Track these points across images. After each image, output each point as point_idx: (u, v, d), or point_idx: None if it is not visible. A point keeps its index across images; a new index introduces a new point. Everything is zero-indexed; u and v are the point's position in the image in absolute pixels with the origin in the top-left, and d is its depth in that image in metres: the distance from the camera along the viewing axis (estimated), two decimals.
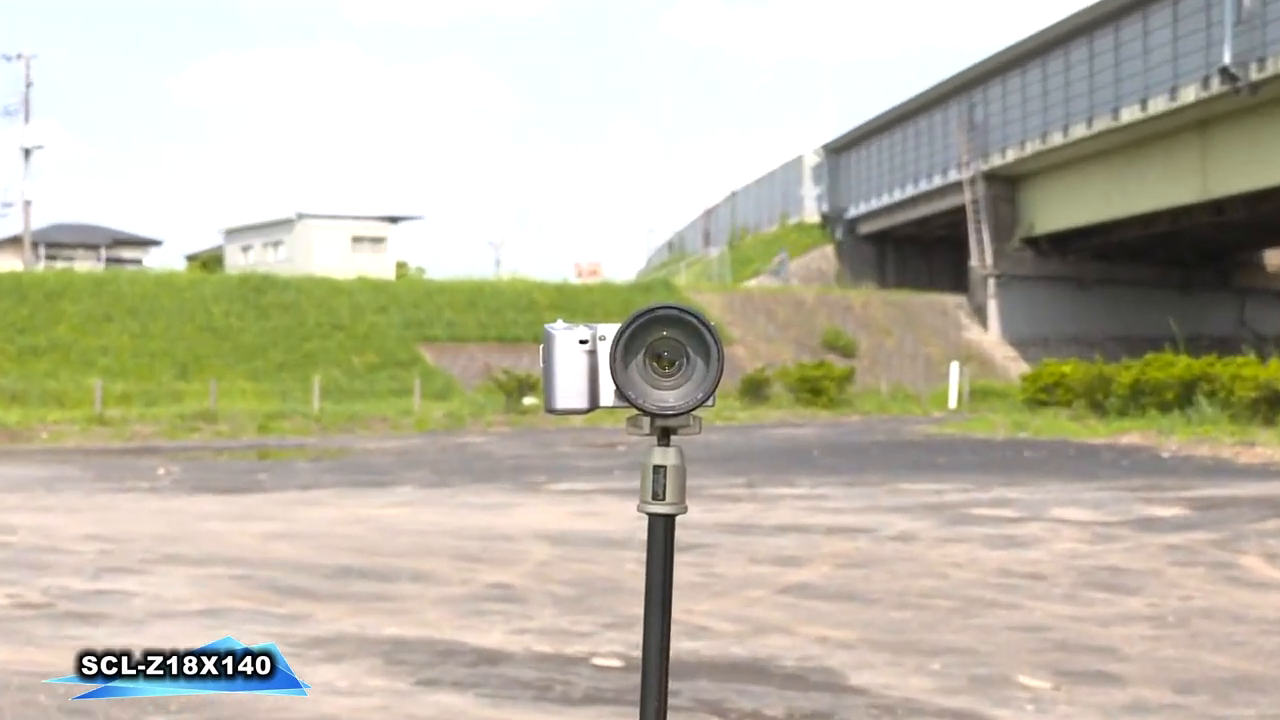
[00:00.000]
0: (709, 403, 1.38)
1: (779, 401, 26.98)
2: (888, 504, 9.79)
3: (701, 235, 49.62)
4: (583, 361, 1.40)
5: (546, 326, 1.43)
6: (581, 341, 1.41)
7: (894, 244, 41.01)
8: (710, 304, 33.43)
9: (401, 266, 41.34)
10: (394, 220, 40.38)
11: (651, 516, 1.39)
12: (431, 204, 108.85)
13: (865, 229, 40.72)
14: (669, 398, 1.38)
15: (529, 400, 24.18)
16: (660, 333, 1.38)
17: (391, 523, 8.66)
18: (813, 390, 26.83)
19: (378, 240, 39.43)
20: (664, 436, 1.40)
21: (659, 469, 1.38)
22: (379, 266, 37.44)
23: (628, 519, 8.61)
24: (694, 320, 1.37)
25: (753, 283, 39.15)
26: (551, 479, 12.01)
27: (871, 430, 20.70)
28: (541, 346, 1.43)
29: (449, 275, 34.89)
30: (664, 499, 1.38)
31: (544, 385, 1.42)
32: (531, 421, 22.46)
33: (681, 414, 1.37)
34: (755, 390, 27.08)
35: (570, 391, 1.41)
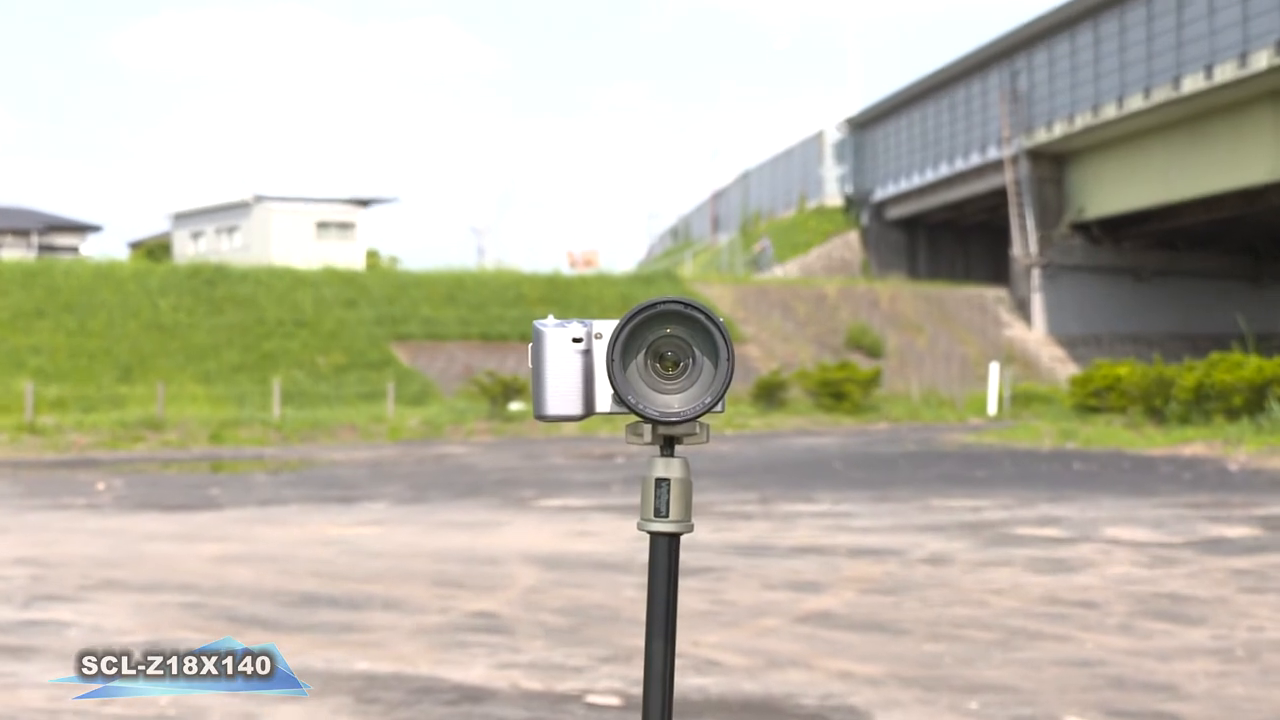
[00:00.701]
0: (718, 408, 1.39)
1: (797, 407, 27.01)
2: (919, 522, 9.80)
3: (710, 221, 49.68)
4: (576, 362, 1.41)
5: (536, 323, 1.44)
6: (575, 340, 1.42)
7: (926, 230, 41.06)
8: (719, 298, 33.48)
9: (372, 256, 41.40)
10: (364, 203, 40.43)
11: (653, 536, 1.40)
12: (406, 186, 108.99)
13: (894, 213, 40.78)
14: (673, 403, 1.39)
15: (516, 406, 24.21)
16: (663, 330, 1.39)
17: (362, 544, 8.67)
18: (835, 394, 26.86)
19: (346, 226, 39.48)
20: (667, 446, 1.41)
21: (662, 482, 1.39)
22: (347, 255, 37.49)
23: (627, 539, 8.62)
24: (701, 316, 1.38)
25: (767, 274, 39.20)
26: (541, 494, 12.03)
27: (901, 439, 20.73)
28: (530, 345, 1.44)
29: (426, 266, 34.99)
30: (667, 516, 1.39)
31: (533, 389, 1.43)
32: (519, 430, 22.49)
33: (687, 421, 1.38)
34: (770, 394, 27.11)
35: (562, 396, 1.42)
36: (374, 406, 24.90)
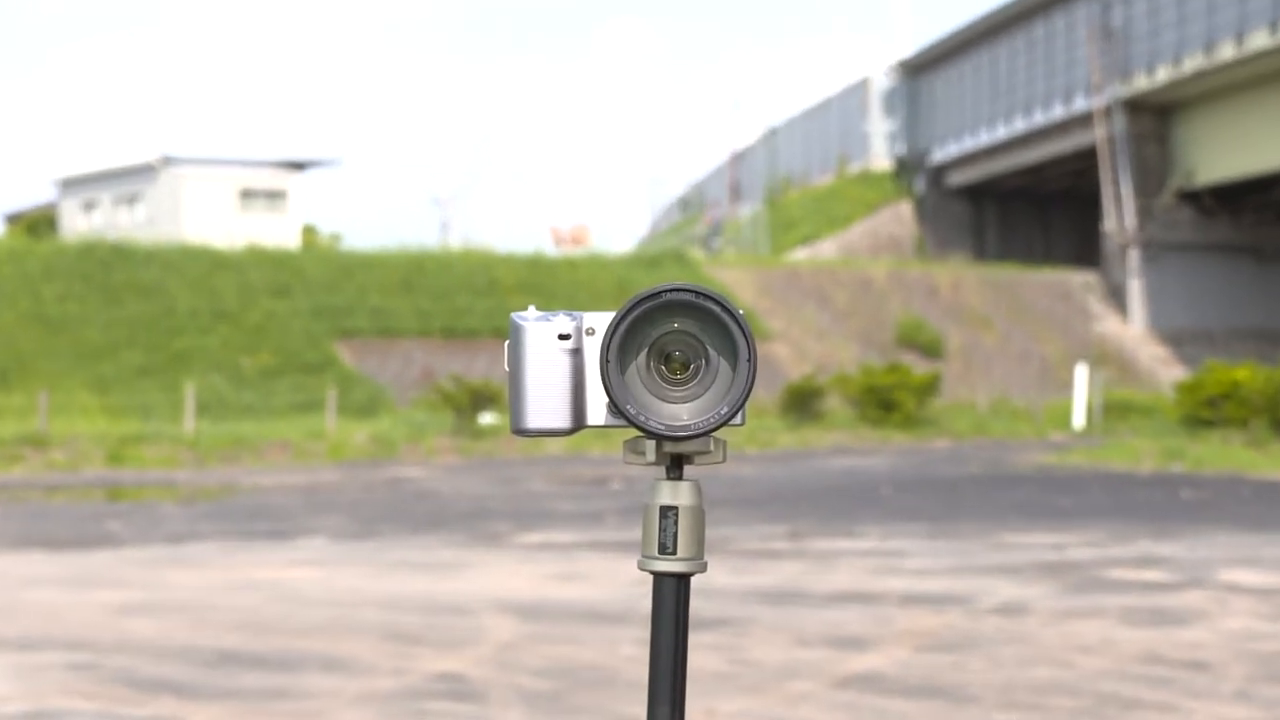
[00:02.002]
0: (737, 421, 1.40)
1: (835, 420, 27.03)
2: (987, 563, 9.81)
3: (728, 189, 49.71)
4: (563, 364, 1.43)
5: (513, 316, 1.45)
6: (561, 336, 1.43)
7: (996, 200, 41.10)
8: (740, 284, 33.53)
9: (309, 232, 41.45)
10: (298, 167, 40.47)
11: (658, 578, 1.42)
12: (350, 146, 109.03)
13: (956, 179, 40.82)
14: (682, 413, 1.40)
15: (488, 418, 24.23)
16: (670, 324, 1.41)
17: (296, 589, 8.69)
18: (882, 404, 26.89)
19: (276, 195, 39.53)
20: (675, 467, 1.42)
21: (668, 512, 1.40)
22: (278, 231, 37.55)
23: (624, 583, 8.63)
24: (716, 307, 1.39)
25: (800, 254, 39.25)
26: (519, 528, 12.05)
27: (964, 460, 20.75)
28: (507, 344, 1.45)
29: (376, 244, 35.03)
30: (675, 553, 1.41)
31: (510, 397, 1.45)
32: (491, 448, 22.51)
33: (699, 436, 1.39)
34: (802, 404, 27.15)
35: (546, 406, 1.44)
36: (311, 419, 24.91)
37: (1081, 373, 29.80)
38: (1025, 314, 35.66)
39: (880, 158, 42.63)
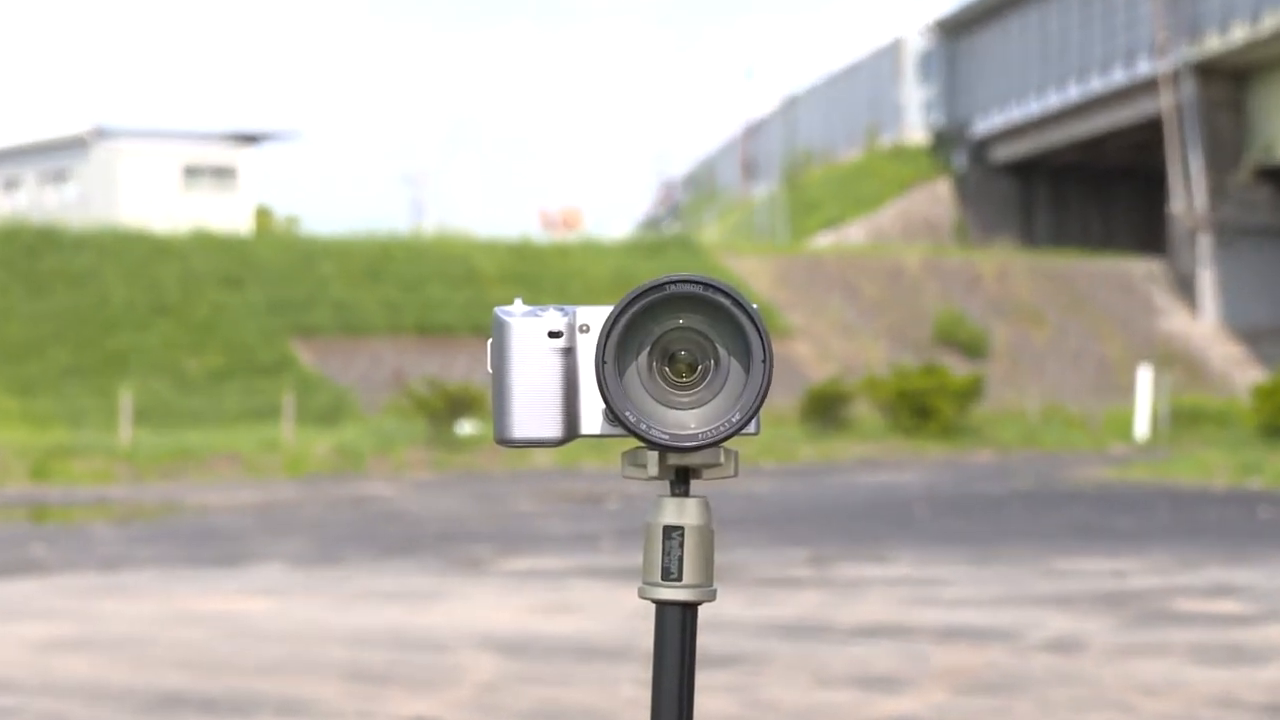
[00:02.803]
0: (750, 430, 1.41)
1: (863, 429, 27.04)
2: (1037, 592, 9.82)
3: (740, 166, 49.73)
4: (554, 365, 1.44)
5: (497, 311, 1.46)
6: (552, 334, 1.44)
7: (1048, 178, 41.11)
8: (754, 274, 33.54)
9: (264, 214, 41.45)
10: (250, 140, 40.48)
11: (661, 607, 1.43)
12: (310, 117, 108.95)
13: (1002, 154, 40.83)
14: (688, 421, 1.41)
15: (467, 428, 24.24)
16: (675, 320, 1.42)
17: (249, 622, 8.69)
18: (917, 411, 26.89)
19: (224, 172, 39.53)
20: (681, 482, 1.43)
21: (673, 532, 1.41)
22: (227, 214, 37.56)
23: (623, 615, 8.64)
24: (727, 300, 1.40)
25: (823, 239, 39.26)
26: (503, 552, 12.05)
27: (1011, 474, 20.75)
28: (489, 342, 1.46)
29: (340, 229, 35.00)
30: (680, 579, 1.42)
31: (494, 403, 1.46)
32: (471, 461, 22.52)
33: (708, 446, 1.40)
34: (826, 411, 27.15)
35: (534, 413, 1.45)
36: (265, 428, 24.91)
37: (1145, 375, 29.78)
38: (1081, 308, 35.67)
39: (915, 130, 42.62)
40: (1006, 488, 18.63)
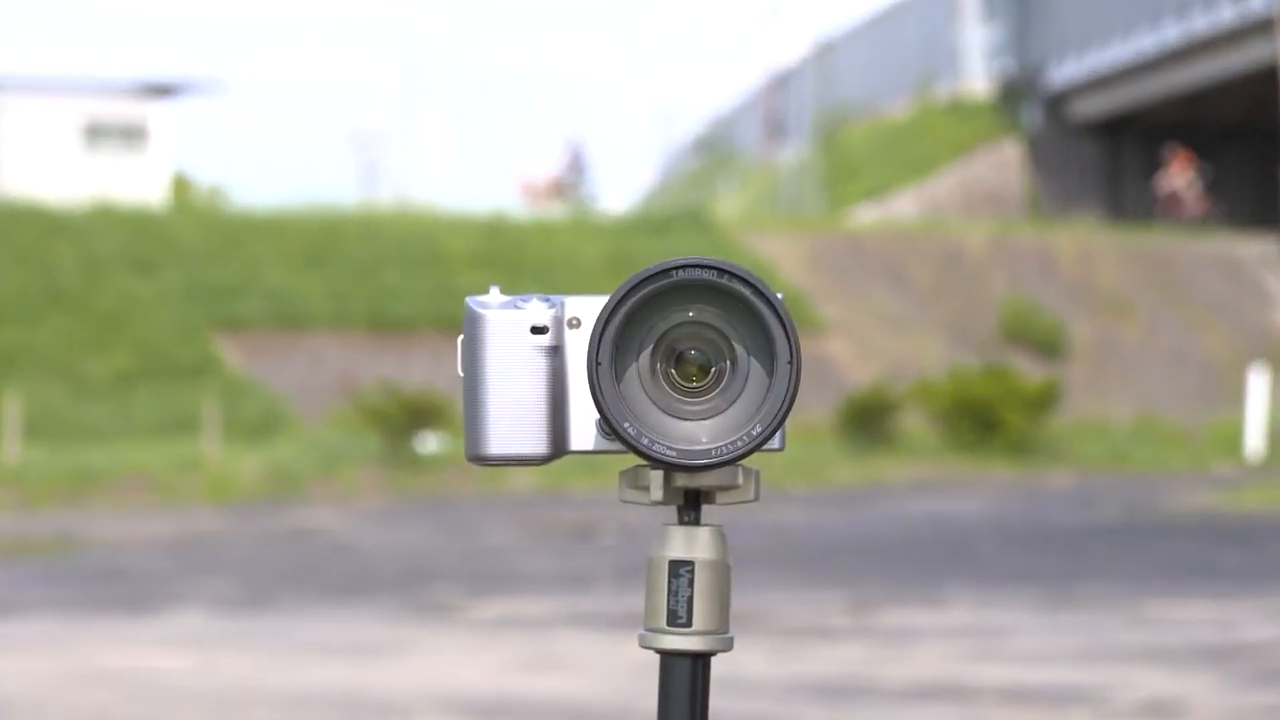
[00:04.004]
0: (775, 444, 1.43)
1: (914, 445, 27.00)
2: (1126, 644, 9.82)
3: (763, 123, 49.67)
4: (538, 367, 1.46)
5: (469, 302, 1.48)
6: (536, 330, 1.46)
7: (1140, 140, 41.04)
8: (781, 256, 33.51)
9: (181, 184, 41.37)
10: (164, 93, 40.43)
11: (667, 659, 1.44)
12: (236, 64, 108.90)
13: (1083, 110, 40.73)
14: (700, 434, 1.43)
15: (431, 443, 24.21)
16: (684, 313, 1.43)
17: (164, 682, 8.70)
18: (981, 423, 26.85)
19: (133, 132, 39.50)
20: (690, 508, 1.45)
21: (681, 569, 1.43)
22: (137, 182, 37.52)
23: (620, 671, 8.64)
24: (746, 289, 1.42)
25: (865, 213, 39.22)
26: (474, 596, 12.06)
27: (1094, 500, 20.74)
28: (460, 340, 1.48)
29: (275, 201, 34.96)
30: (689, 624, 1.43)
31: (465, 413, 1.48)
32: (436, 484, 22.49)
33: (723, 464, 1.42)
34: (869, 423, 27.10)
35: (514, 425, 1.47)
36: (183, 444, 24.89)
37: (1259, 380, 29.72)
38: (1181, 296, 35.65)
39: (976, 80, 42.54)
40: (1088, 517, 18.62)
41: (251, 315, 29.52)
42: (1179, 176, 38.39)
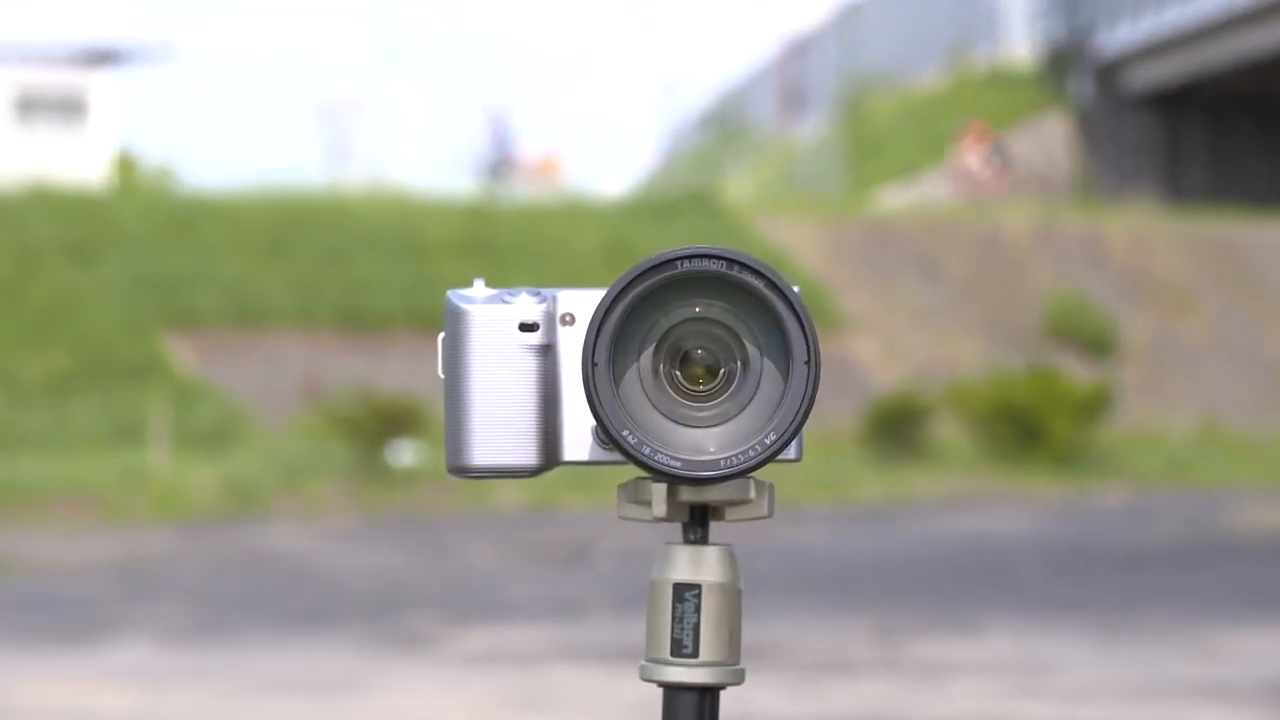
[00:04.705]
0: (791, 454, 1.44)
1: (949, 455, 27.01)
2: (1186, 678, 9.83)
3: (778, 95, 49.70)
4: (527, 369, 1.47)
5: (451, 295, 1.49)
6: (525, 327, 1.47)
7: (1204, 113, 41.04)
8: (798, 243, 33.52)
9: (126, 163, 41.39)
10: (106, 61, 40.45)
11: (671, 693, 1.45)
12: (186, 28, 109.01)
13: (1140, 80, 40.70)
14: (707, 442, 1.44)
15: (406, 454, 24.24)
16: (689, 308, 1.44)
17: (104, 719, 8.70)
18: (1023, 432, 26.86)
19: (72, 105, 39.53)
20: (696, 525, 1.46)
21: (686, 592, 1.44)
22: (76, 161, 37.54)
23: (618, 709, 8.65)
24: (759, 281, 1.43)
25: (892, 195, 39.23)
26: (454, 625, 12.07)
27: (1151, 519, 20.74)
28: (440, 338, 1.49)
29: (231, 183, 34.96)
30: (695, 655, 1.44)
31: (446, 420, 1.49)
32: (412, 500, 22.50)
33: (734, 476, 1.43)
34: (897, 431, 27.10)
35: (500, 433, 1.48)
36: (129, 454, 24.90)
37: None
38: (1247, 290, 35.67)
39: (1018, 46, 42.58)
40: (1144, 537, 18.62)
41: (205, 310, 29.53)
42: (972, 152, 38.41)
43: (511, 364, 1.46)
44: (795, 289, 1.43)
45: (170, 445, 24.72)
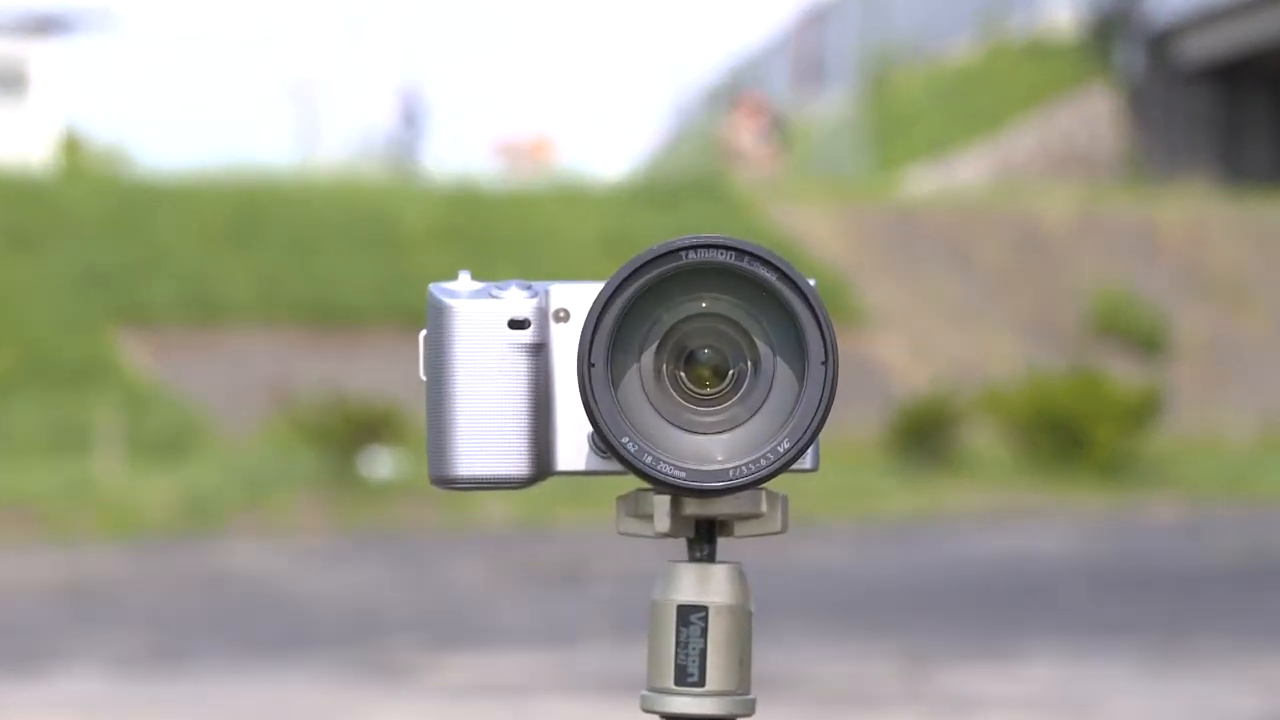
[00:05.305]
0: (806, 463, 1.45)
1: (983, 466, 27.02)
2: (1244, 712, 9.84)
3: (794, 68, 49.71)
4: (516, 369, 1.48)
5: (433, 289, 1.50)
6: (514, 324, 1.48)
7: (1265, 87, 41.06)
8: (816, 231, 33.52)
9: (72, 143, 41.41)
10: (47, 29, 40.45)
11: None
12: None
13: (1195, 50, 40.70)
14: (714, 450, 1.45)
15: (383, 464, 24.26)
16: (695, 303, 1.45)
17: None
18: (1065, 439, 26.85)
19: (11, 80, 39.55)
20: (702, 541, 1.47)
21: (692, 615, 1.45)
22: (15, 140, 37.57)
23: None
24: (771, 274, 1.44)
25: (920, 178, 39.23)
26: (436, 653, 12.07)
27: (1207, 536, 20.75)
28: (422, 335, 1.50)
29: (189, 165, 34.96)
30: (702, 684, 1.45)
31: (428, 426, 1.50)
32: (389, 515, 22.51)
33: (743, 488, 1.44)
34: (924, 439, 27.09)
35: (487, 440, 1.49)
36: (74, 463, 24.92)
37: None
38: None
39: (1059, 12, 42.59)
40: (1199, 556, 18.63)
41: (159, 305, 29.55)
42: (744, 128, 38.51)
43: (500, 364, 1.47)
44: (811, 282, 1.44)
45: (120, 454, 24.73)
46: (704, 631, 1.44)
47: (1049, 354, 31.80)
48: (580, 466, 1.49)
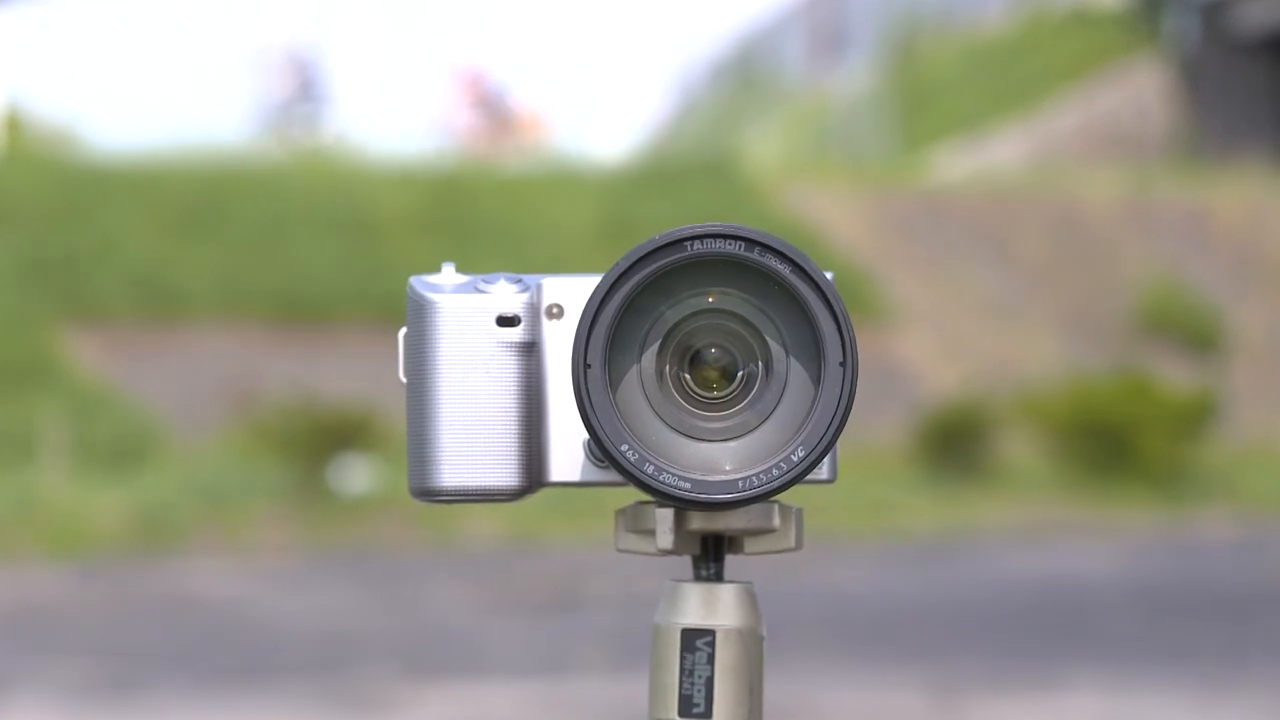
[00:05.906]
0: (823, 474, 1.46)
1: (1019, 477, 27.03)
2: None
3: (810, 38, 49.75)
4: (505, 370, 1.49)
5: (414, 282, 1.51)
6: (503, 321, 1.49)
7: None
8: (834, 218, 33.54)
9: (14, 122, 41.48)
10: None
11: None
12: None
13: (1253, 19, 40.76)
14: (722, 460, 1.46)
15: (357, 475, 24.29)
16: (702, 298, 1.46)
17: None
18: (1110, 448, 26.86)
19: None
20: (709, 558, 1.48)
21: (697, 639, 1.46)
22: None
23: None
24: (785, 266, 1.45)
25: (950, 161, 39.26)
26: (417, 682, 12.09)
27: (1265, 553, 20.79)
28: (401, 333, 1.51)
29: (144, 146, 34.98)
30: (707, 713, 1.46)
31: (409, 433, 1.51)
32: (365, 532, 22.54)
33: (753, 500, 1.44)
34: (955, 448, 27.08)
35: (473, 448, 1.50)
36: (16, 474, 24.93)
37: None
38: None
39: None
40: (1256, 575, 18.66)
41: (111, 299, 29.59)
42: (461, 104, 38.78)
43: (487, 365, 1.48)
44: (829, 274, 1.45)
45: (67, 464, 24.77)
46: (711, 658, 1.45)
47: (1092, 354, 31.82)
48: (575, 477, 1.50)
